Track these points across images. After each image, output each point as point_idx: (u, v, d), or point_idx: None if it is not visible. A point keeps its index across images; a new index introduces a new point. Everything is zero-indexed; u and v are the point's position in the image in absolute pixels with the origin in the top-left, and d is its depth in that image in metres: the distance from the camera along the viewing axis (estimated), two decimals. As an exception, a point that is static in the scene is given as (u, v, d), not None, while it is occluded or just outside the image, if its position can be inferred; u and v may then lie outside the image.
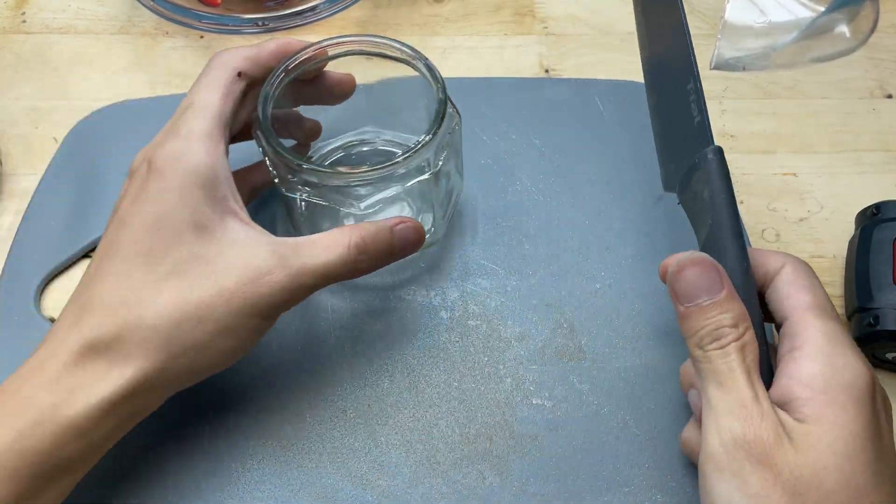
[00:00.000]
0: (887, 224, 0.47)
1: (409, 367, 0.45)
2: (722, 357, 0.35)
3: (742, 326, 0.35)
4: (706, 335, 0.35)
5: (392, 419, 0.44)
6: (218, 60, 0.43)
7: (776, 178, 0.54)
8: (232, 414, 0.44)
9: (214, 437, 0.43)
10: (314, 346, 0.46)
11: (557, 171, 0.52)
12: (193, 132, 0.40)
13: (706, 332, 0.35)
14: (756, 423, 0.33)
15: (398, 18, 0.61)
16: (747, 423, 0.33)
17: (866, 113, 0.57)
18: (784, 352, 0.36)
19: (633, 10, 0.47)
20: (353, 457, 0.43)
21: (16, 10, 0.62)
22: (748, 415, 0.33)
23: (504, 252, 0.49)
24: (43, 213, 0.51)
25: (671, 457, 0.43)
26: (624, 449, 0.43)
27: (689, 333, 0.36)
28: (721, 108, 0.57)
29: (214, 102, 0.41)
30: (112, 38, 0.60)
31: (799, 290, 0.37)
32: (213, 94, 0.41)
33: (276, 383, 0.45)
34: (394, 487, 0.42)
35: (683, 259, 0.37)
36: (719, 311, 0.35)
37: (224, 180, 0.40)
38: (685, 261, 0.37)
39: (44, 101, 0.57)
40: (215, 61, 0.43)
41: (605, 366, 0.45)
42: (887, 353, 0.45)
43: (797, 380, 0.34)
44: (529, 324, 0.47)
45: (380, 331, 0.47)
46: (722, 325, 0.35)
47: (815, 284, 0.38)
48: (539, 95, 0.56)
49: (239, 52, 0.43)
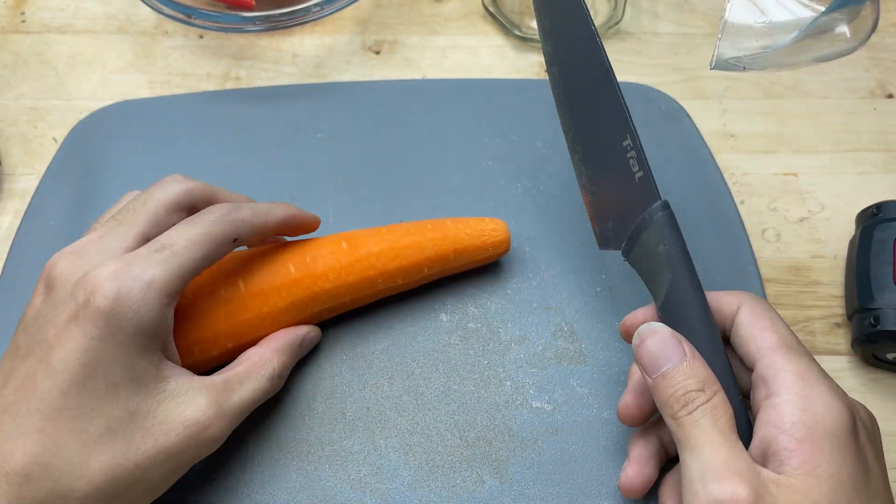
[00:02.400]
0: (888, 224, 0.47)
1: (408, 369, 0.45)
2: (692, 422, 0.34)
3: (710, 389, 0.34)
4: (675, 402, 0.34)
5: (391, 422, 0.44)
6: (217, 214, 0.39)
7: (777, 177, 0.54)
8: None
9: (214, 439, 0.43)
10: (313, 349, 0.46)
11: (558, 172, 0.52)
12: (156, 285, 0.35)
13: (674, 399, 0.34)
14: (733, 486, 0.32)
15: (398, 18, 0.61)
16: (724, 487, 0.32)
17: (867, 113, 0.57)
18: (760, 398, 0.35)
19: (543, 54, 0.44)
20: (351, 460, 0.43)
21: (15, 9, 0.61)
22: (725, 478, 0.32)
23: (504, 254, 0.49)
24: (43, 213, 0.51)
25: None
26: (624, 453, 0.43)
27: (660, 403, 0.35)
28: (721, 108, 0.57)
29: (196, 259, 0.37)
30: (111, 38, 0.60)
31: (762, 331, 0.36)
32: (198, 250, 0.37)
33: (276, 386, 0.45)
34: (393, 491, 0.42)
35: (643, 331, 0.36)
36: (684, 377, 0.35)
37: (167, 332, 0.37)
38: (645, 332, 0.36)
39: (43, 101, 0.57)
40: (216, 214, 0.39)
41: (605, 369, 0.45)
42: (887, 353, 0.45)
43: (779, 429, 0.33)
44: (529, 327, 0.47)
45: (379, 333, 0.46)
46: (688, 389, 0.34)
47: (776, 319, 0.37)
48: (540, 96, 0.56)
49: (244, 219, 0.40)
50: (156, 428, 0.35)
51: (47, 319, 0.35)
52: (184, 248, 0.37)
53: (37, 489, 0.32)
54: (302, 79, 0.58)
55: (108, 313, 0.34)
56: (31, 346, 0.35)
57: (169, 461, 0.35)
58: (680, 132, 0.54)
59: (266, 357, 0.41)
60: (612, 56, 0.59)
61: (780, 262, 0.51)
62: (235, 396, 0.38)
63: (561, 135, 0.54)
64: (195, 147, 0.53)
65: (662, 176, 0.52)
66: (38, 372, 0.34)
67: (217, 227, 0.38)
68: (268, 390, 0.41)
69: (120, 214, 0.39)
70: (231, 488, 0.42)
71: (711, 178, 0.52)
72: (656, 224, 0.38)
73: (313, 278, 0.43)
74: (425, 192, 0.52)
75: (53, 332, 0.34)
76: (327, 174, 0.52)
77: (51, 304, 0.35)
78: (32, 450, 0.33)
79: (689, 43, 0.60)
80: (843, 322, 0.48)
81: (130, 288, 0.34)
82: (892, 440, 0.45)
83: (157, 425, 0.35)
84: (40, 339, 0.34)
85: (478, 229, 0.46)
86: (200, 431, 0.36)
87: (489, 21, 0.61)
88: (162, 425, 0.35)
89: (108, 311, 0.34)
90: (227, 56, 0.59)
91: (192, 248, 0.37)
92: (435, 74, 0.58)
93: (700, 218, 0.50)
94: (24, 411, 0.33)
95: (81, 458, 0.33)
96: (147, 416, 0.35)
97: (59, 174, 0.52)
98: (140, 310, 0.34)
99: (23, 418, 0.33)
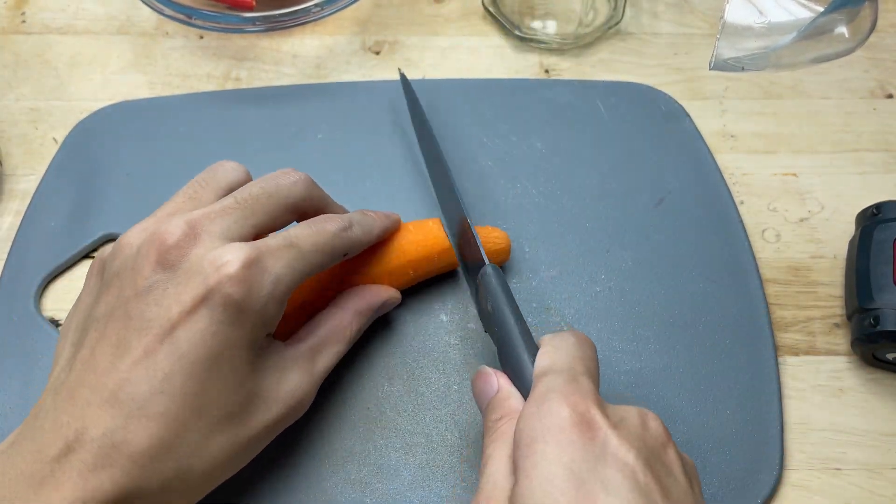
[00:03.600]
0: (888, 224, 0.47)
1: (408, 369, 0.45)
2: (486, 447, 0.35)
3: (507, 417, 0.35)
4: (486, 429, 0.36)
5: (391, 422, 0.44)
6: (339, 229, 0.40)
7: (777, 178, 0.54)
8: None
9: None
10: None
11: (558, 173, 0.52)
12: (283, 282, 0.36)
13: (486, 427, 0.36)
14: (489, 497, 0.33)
15: (398, 18, 0.61)
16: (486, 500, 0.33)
17: (867, 113, 0.57)
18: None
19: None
20: (352, 460, 0.43)
21: (15, 10, 0.61)
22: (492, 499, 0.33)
23: (504, 254, 0.49)
24: (43, 213, 0.51)
25: (670, 459, 0.43)
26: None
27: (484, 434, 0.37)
28: (721, 108, 0.57)
29: (315, 265, 0.38)
30: (111, 38, 0.60)
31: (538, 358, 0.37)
32: (320, 258, 0.38)
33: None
34: (393, 491, 0.42)
35: (475, 374, 0.39)
36: (492, 409, 0.36)
37: (278, 321, 0.38)
38: (475, 375, 0.39)
39: (43, 102, 0.57)
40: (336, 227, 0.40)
41: (604, 369, 0.45)
42: (887, 354, 0.45)
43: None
44: (529, 327, 0.46)
45: (379, 333, 0.46)
46: (492, 419, 0.36)
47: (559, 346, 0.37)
48: (540, 97, 0.56)
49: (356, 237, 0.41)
50: (265, 405, 0.36)
51: (169, 294, 0.34)
52: (310, 252, 0.37)
53: (161, 470, 0.33)
54: (302, 79, 0.58)
55: (239, 302, 0.34)
56: (149, 321, 0.33)
57: (271, 433, 0.37)
58: (680, 132, 0.54)
59: (347, 320, 0.42)
60: (612, 56, 0.59)
61: (779, 262, 0.51)
62: (321, 363, 0.40)
63: (561, 136, 0.54)
64: (195, 147, 0.53)
65: (662, 176, 0.52)
66: (160, 352, 0.33)
67: (337, 241, 0.39)
68: (344, 353, 0.42)
69: (241, 198, 0.38)
70: (230, 488, 0.42)
71: (711, 179, 0.52)
72: (483, 285, 0.40)
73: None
74: (425, 191, 0.52)
75: (178, 309, 0.33)
76: (327, 174, 0.52)
77: (174, 278, 0.34)
78: (157, 433, 0.32)
79: (688, 43, 0.60)
80: (842, 322, 0.48)
81: (261, 281, 0.35)
82: (892, 440, 0.45)
83: (265, 402, 0.36)
84: (161, 315, 0.33)
85: (481, 237, 0.46)
86: (297, 402, 0.38)
87: (489, 21, 0.61)
88: (268, 402, 0.36)
89: (239, 300, 0.34)
90: (227, 57, 0.59)
91: (317, 253, 0.38)
92: (435, 74, 0.58)
93: (700, 218, 0.51)
94: (146, 391, 0.32)
95: (203, 440, 0.34)
96: (258, 395, 0.36)
97: (59, 175, 0.53)
98: (266, 304, 0.35)
99: (147, 399, 0.32)
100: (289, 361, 0.38)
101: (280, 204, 0.39)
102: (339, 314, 0.42)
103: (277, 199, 0.39)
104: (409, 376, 0.45)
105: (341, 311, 0.42)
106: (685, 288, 0.48)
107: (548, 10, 0.61)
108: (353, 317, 0.42)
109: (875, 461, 0.44)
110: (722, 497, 0.42)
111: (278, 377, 0.37)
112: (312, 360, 0.39)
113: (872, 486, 0.43)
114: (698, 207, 0.51)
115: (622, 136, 0.54)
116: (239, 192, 0.38)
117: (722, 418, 0.44)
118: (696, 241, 0.50)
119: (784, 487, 0.43)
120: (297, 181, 0.40)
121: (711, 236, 0.50)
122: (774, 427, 0.44)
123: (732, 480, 0.42)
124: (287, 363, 0.38)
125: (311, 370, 0.39)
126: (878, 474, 0.44)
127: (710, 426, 0.44)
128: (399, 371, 0.45)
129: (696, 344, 0.46)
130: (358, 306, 0.42)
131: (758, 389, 0.45)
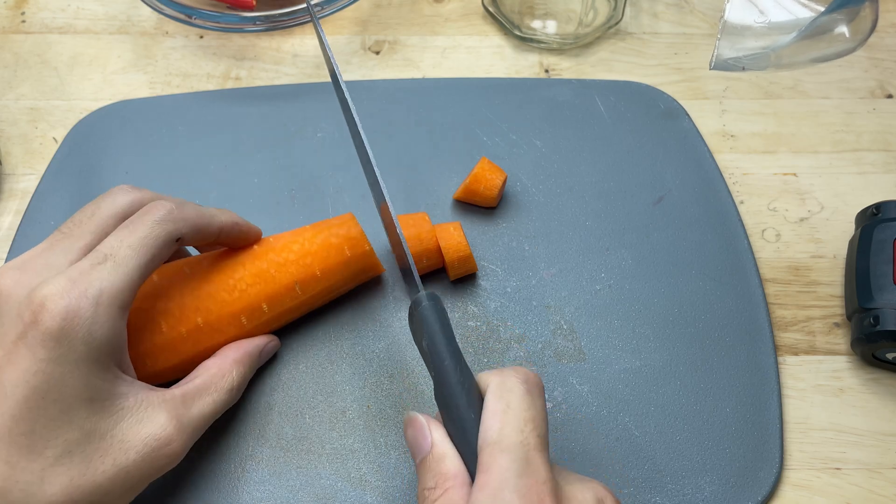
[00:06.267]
0: (887, 224, 0.47)
1: (408, 367, 0.45)
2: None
3: (441, 487, 0.32)
4: (419, 493, 0.34)
5: (392, 420, 0.44)
6: (160, 214, 0.37)
7: (776, 177, 0.54)
8: (231, 415, 0.44)
9: (214, 438, 0.43)
10: (313, 347, 0.46)
11: (558, 171, 0.52)
12: (105, 296, 0.34)
13: (419, 490, 0.34)
14: None
15: (398, 18, 0.61)
16: None
17: (867, 113, 0.57)
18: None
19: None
20: (352, 458, 0.43)
21: (15, 9, 0.61)
22: None
23: (504, 253, 0.49)
24: (43, 213, 0.51)
25: (670, 459, 0.43)
26: (623, 451, 0.43)
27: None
28: (721, 108, 0.57)
29: (141, 266, 0.36)
30: (112, 38, 0.60)
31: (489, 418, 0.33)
32: (142, 256, 0.36)
33: (275, 385, 0.45)
34: (393, 489, 0.42)
35: (406, 419, 0.35)
36: (424, 471, 0.34)
37: (121, 346, 0.35)
38: (407, 421, 0.35)
39: (43, 101, 0.57)
40: (158, 214, 0.37)
41: (604, 367, 0.45)
42: (887, 353, 0.45)
43: None
44: (529, 325, 0.47)
45: (379, 331, 0.47)
46: (424, 486, 0.33)
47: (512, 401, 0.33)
48: (539, 96, 0.56)
49: (187, 217, 0.39)
50: (115, 447, 0.34)
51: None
52: (128, 256, 0.35)
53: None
54: (302, 79, 0.58)
55: (58, 333, 0.32)
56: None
57: (129, 479, 0.34)
58: (680, 132, 0.54)
59: (225, 368, 0.41)
60: (612, 56, 0.59)
61: (779, 262, 0.51)
62: (195, 410, 0.38)
63: (561, 135, 0.54)
64: (195, 147, 0.53)
65: (662, 175, 0.52)
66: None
67: (159, 228, 0.37)
68: (227, 402, 0.40)
69: (66, 227, 0.37)
70: (232, 486, 0.42)
71: (711, 178, 0.52)
72: (418, 319, 0.37)
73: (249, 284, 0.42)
74: (425, 191, 0.52)
75: (1, 353, 0.33)
76: (327, 174, 0.52)
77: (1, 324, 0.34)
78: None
79: (688, 43, 0.60)
80: (842, 322, 0.48)
81: (79, 305, 0.33)
82: (892, 440, 0.45)
83: (115, 444, 0.34)
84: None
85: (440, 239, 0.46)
86: (161, 448, 0.35)
87: (489, 21, 0.61)
88: (121, 444, 0.34)
89: (57, 331, 0.32)
90: (227, 56, 0.59)
91: (136, 254, 0.36)
92: (435, 74, 0.58)
93: (699, 218, 0.51)
94: None
95: (38, 482, 0.32)
96: (105, 436, 0.34)
97: (59, 174, 0.53)
98: (91, 327, 0.33)
99: None
100: (154, 404, 0.36)
101: (105, 217, 0.37)
102: (217, 363, 0.41)
103: (101, 214, 0.38)
104: (409, 374, 0.45)
105: (220, 359, 0.41)
106: (685, 287, 0.48)
107: (548, 10, 0.61)
108: (232, 365, 0.41)
109: (875, 461, 0.44)
110: (722, 496, 0.42)
111: (138, 419, 0.35)
112: (184, 406, 0.37)
113: (872, 486, 0.43)
114: (698, 207, 0.51)
115: (622, 135, 0.54)
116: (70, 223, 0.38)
117: (722, 417, 0.44)
118: (695, 240, 0.50)
119: (784, 487, 0.43)
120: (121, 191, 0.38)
121: (711, 235, 0.50)
122: (774, 426, 0.44)
123: (732, 479, 0.42)
124: (152, 406, 0.36)
125: (181, 417, 0.37)
126: (878, 474, 0.44)
127: (710, 425, 0.44)
128: (399, 369, 0.45)
129: (696, 343, 0.46)
130: (236, 355, 0.41)
131: (757, 389, 0.45)
